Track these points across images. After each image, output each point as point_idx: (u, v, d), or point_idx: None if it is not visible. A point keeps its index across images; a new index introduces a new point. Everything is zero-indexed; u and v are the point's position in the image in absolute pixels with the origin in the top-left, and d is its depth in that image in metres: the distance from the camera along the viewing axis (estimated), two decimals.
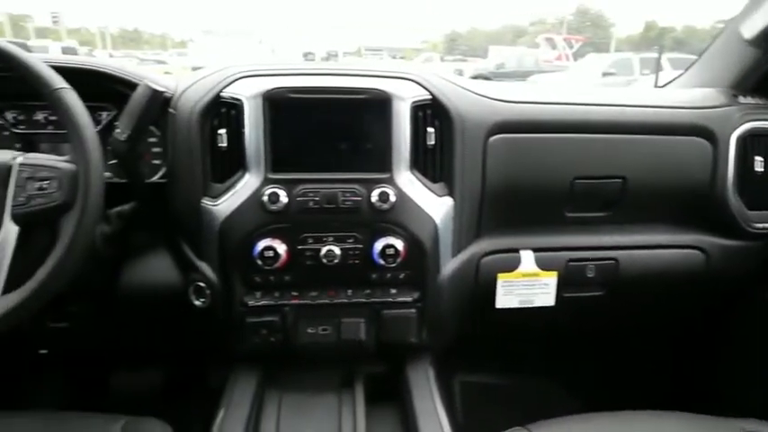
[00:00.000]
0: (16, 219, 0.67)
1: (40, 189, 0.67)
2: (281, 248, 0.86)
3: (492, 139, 0.94)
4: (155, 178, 0.98)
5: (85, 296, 0.97)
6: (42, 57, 0.77)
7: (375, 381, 0.99)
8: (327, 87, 0.87)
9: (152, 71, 0.97)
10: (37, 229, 0.71)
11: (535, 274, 1.01)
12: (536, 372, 1.49)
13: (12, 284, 0.66)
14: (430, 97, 0.90)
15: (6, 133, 0.97)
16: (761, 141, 1.04)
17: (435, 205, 0.90)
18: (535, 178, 0.98)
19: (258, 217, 0.86)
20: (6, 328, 0.65)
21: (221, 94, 0.86)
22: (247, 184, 0.86)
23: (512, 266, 1.00)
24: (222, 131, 0.86)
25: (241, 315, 0.90)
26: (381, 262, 0.88)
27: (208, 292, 0.91)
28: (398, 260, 0.88)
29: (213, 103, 0.86)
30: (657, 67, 5.76)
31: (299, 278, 0.90)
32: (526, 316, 1.04)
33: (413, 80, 0.90)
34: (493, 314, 1.03)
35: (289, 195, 0.85)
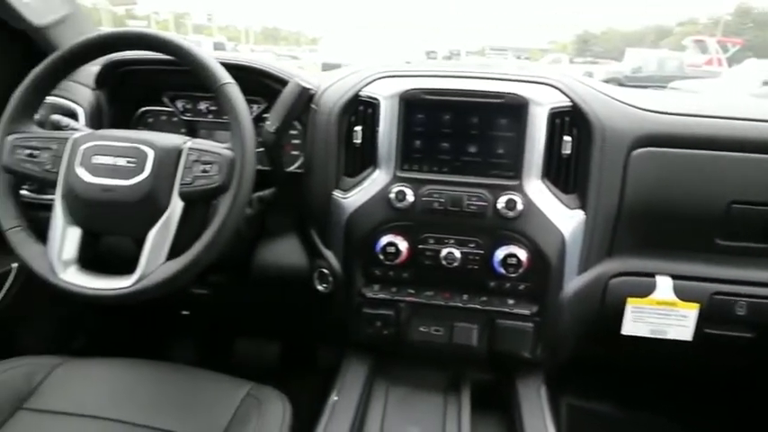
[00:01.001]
0: (182, 196, 0.76)
1: (204, 171, 0.75)
2: (403, 245, 0.88)
3: (636, 152, 0.87)
4: (292, 168, 1.06)
5: (225, 269, 1.08)
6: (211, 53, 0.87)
7: (482, 388, 0.98)
8: (463, 90, 0.87)
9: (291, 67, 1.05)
10: (195, 206, 0.80)
11: (672, 304, 0.91)
12: (655, 409, 1.36)
13: (173, 253, 0.75)
14: (570, 104, 0.85)
15: (175, 119, 1.11)
16: None
17: (565, 218, 0.86)
18: (683, 199, 0.89)
19: (384, 213, 0.88)
20: (166, 292, 0.75)
21: (360, 93, 0.90)
22: (377, 180, 0.89)
23: (645, 292, 0.92)
24: (358, 128, 0.90)
25: (358, 305, 0.94)
26: (501, 271, 0.86)
27: (330, 279, 0.96)
28: (520, 271, 0.85)
29: (352, 102, 0.91)
30: None
31: (417, 276, 0.92)
32: (655, 347, 0.95)
33: (553, 85, 0.87)
34: (617, 340, 0.95)
35: (415, 194, 0.87)
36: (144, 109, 1.12)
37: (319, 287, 0.98)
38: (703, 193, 0.88)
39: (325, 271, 0.97)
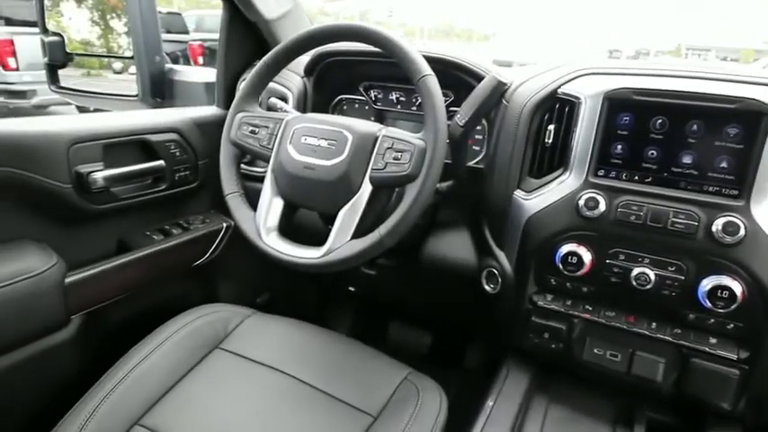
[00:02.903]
0: (372, 180, 0.80)
1: (395, 159, 0.78)
2: (587, 257, 0.81)
3: None
4: (472, 162, 1.05)
5: (395, 253, 1.12)
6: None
7: (659, 429, 0.86)
8: (683, 93, 0.76)
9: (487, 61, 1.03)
10: (382, 191, 0.84)
11: None
12: None
13: (358, 233, 0.80)
14: None
15: (367, 107, 1.18)
16: None
17: None
18: None
19: (569, 219, 0.82)
20: (347, 268, 0.80)
21: (559, 90, 0.85)
22: (565, 184, 0.84)
23: None
24: (551, 127, 0.85)
25: (527, 312, 0.90)
26: (707, 304, 0.74)
27: (499, 279, 0.93)
28: (732, 307, 0.73)
29: (548, 99, 0.86)
30: None
31: (598, 293, 0.84)
32: None
33: None
34: None
35: (608, 204, 0.79)
36: (341, 96, 1.21)
37: (486, 287, 0.96)
38: None
39: (495, 271, 0.94)
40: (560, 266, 0.83)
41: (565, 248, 0.83)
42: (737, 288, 0.72)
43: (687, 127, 0.76)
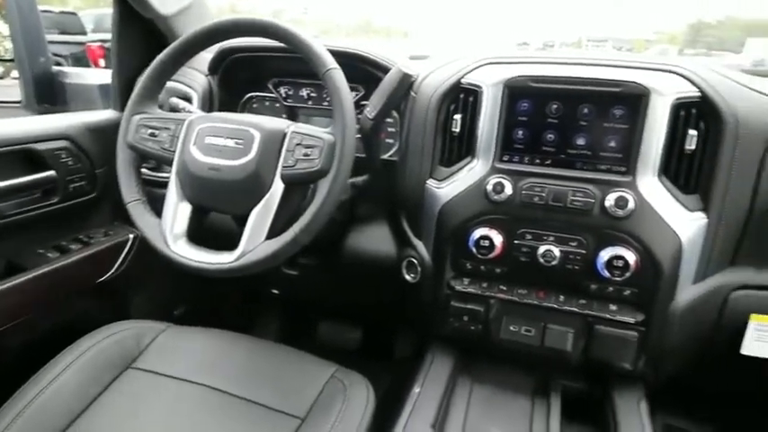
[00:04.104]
0: (284, 178, 0.78)
1: (305, 155, 0.77)
2: (498, 239, 0.85)
3: None
4: (387, 155, 1.06)
5: (315, 251, 1.10)
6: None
7: (573, 396, 0.92)
8: (573, 78, 0.81)
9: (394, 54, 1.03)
10: (294, 189, 0.83)
11: None
12: None
13: (272, 233, 0.78)
14: (698, 94, 0.77)
15: (278, 105, 1.15)
16: None
17: (684, 220, 0.78)
18: None
19: (479, 205, 0.85)
20: (263, 270, 0.78)
21: (462, 80, 0.87)
22: (474, 171, 0.86)
23: None
24: (457, 117, 0.87)
25: (446, 297, 0.92)
26: (606, 274, 0.80)
27: (419, 269, 0.95)
28: (626, 275, 0.79)
29: (453, 89, 0.88)
30: None
31: (510, 273, 0.88)
32: None
33: (679, 73, 0.78)
34: (733, 360, 0.85)
35: (514, 187, 0.83)
36: (250, 94, 1.17)
37: (407, 276, 0.98)
38: None
39: (414, 261, 0.95)
40: (474, 250, 0.86)
41: (477, 233, 0.85)
42: (631, 257, 0.78)
43: (579, 110, 0.81)
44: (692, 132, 0.77)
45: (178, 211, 0.82)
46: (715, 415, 1.26)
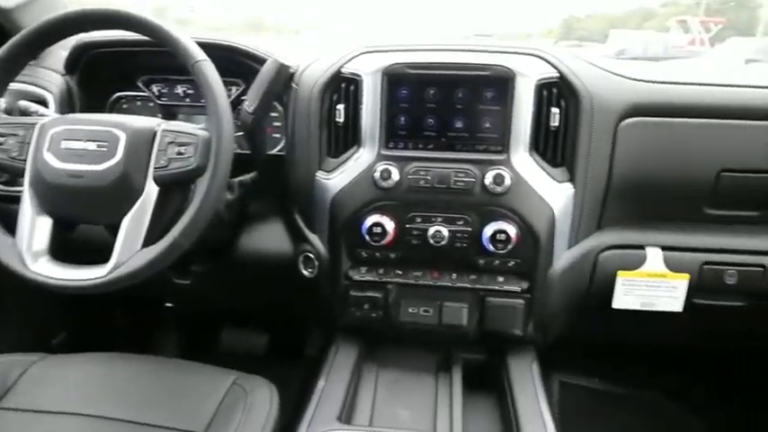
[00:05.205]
0: (157, 180, 0.73)
1: (179, 154, 0.72)
2: (390, 226, 0.86)
3: (624, 122, 0.85)
4: (274, 151, 1.03)
5: (207, 257, 1.05)
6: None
7: (474, 368, 0.96)
8: (446, 63, 0.84)
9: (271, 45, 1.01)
10: (172, 190, 0.77)
11: (662, 275, 0.90)
12: (647, 384, 1.36)
13: (149, 240, 0.73)
14: (557, 75, 0.83)
15: (151, 104, 1.07)
16: None
17: (554, 192, 0.84)
18: (672, 169, 0.87)
19: (369, 192, 0.86)
20: (142, 279, 0.72)
21: (342, 69, 0.87)
22: (360, 160, 0.87)
23: (635, 264, 0.91)
24: (340, 107, 0.87)
25: (345, 288, 0.92)
26: (491, 248, 0.84)
27: (316, 263, 0.94)
28: (509, 247, 0.84)
29: (333, 79, 0.88)
30: None
31: (405, 257, 0.90)
32: (647, 320, 0.95)
33: (540, 56, 0.84)
34: (608, 314, 0.94)
35: (400, 173, 0.84)
36: (118, 94, 1.08)
37: (305, 272, 0.96)
38: (692, 162, 0.87)
39: (311, 255, 0.94)
40: (368, 238, 0.86)
41: (369, 221, 0.86)
42: (512, 230, 0.83)
43: (455, 95, 0.85)
44: (555, 110, 0.83)
45: (36, 227, 0.74)
46: (603, 368, 1.40)
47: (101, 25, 0.78)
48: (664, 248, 0.90)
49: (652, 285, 0.91)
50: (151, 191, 0.73)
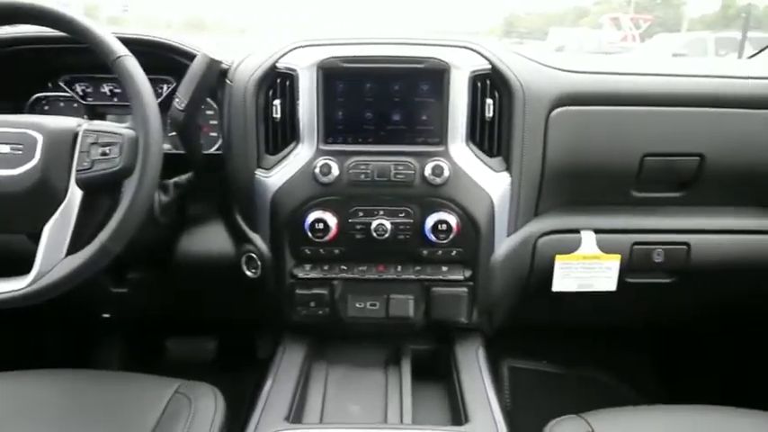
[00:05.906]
0: (81, 183, 0.69)
1: (103, 155, 0.69)
2: (332, 221, 0.85)
3: (555, 111, 0.88)
4: (212, 150, 1.00)
5: (144, 264, 1.01)
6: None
7: (422, 358, 0.97)
8: (382, 57, 0.84)
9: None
10: (100, 193, 0.74)
11: (596, 257, 0.95)
12: (591, 362, 1.43)
13: (75, 246, 0.69)
14: (489, 67, 0.85)
15: (76, 105, 1.01)
16: None
17: (492, 181, 0.86)
18: (600, 155, 0.92)
19: (309, 189, 0.85)
20: (70, 288, 0.68)
21: (276, 64, 0.85)
22: (300, 156, 0.85)
23: (571, 248, 0.95)
24: (276, 102, 0.85)
25: (290, 287, 0.90)
26: (433, 238, 0.85)
27: (259, 263, 0.92)
28: (451, 237, 0.85)
29: (268, 74, 0.86)
30: (743, 43, 5.26)
31: (349, 252, 0.89)
32: (585, 301, 0.99)
33: (472, 49, 0.86)
34: (548, 298, 0.98)
35: (340, 167, 0.84)
36: (38, 95, 1.01)
37: (248, 272, 0.94)
38: (619, 147, 0.92)
39: (253, 255, 0.92)
40: (310, 235, 0.85)
41: (311, 217, 0.85)
42: (452, 220, 0.85)
43: (391, 88, 0.85)
44: (489, 101, 0.85)
45: None
46: (551, 351, 1.45)
47: (4, 20, 0.72)
48: (597, 231, 0.95)
49: (588, 267, 0.95)
50: (75, 195, 0.69)
